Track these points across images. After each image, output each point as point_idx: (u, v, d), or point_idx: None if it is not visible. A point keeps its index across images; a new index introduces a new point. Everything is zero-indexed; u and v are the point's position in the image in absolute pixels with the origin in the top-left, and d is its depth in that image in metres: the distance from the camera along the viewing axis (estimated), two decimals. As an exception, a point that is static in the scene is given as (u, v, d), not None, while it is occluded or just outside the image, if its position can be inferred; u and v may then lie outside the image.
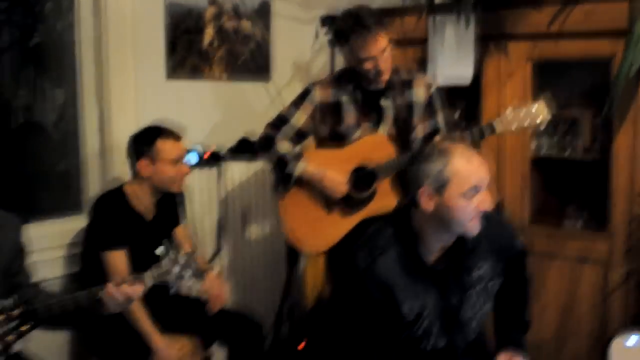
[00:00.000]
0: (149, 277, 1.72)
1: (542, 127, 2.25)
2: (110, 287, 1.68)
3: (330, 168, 2.37)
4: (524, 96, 2.66)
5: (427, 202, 1.62)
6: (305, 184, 2.41)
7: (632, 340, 2.31)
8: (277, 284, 3.22)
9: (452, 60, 2.77)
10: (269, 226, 3.19)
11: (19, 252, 1.83)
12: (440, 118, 2.45)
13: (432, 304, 1.69)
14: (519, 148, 2.70)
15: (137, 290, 1.70)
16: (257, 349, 2.44)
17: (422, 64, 2.86)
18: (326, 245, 2.41)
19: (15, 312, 1.56)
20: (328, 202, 2.41)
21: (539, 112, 2.20)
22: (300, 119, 2.43)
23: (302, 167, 2.39)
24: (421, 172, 1.63)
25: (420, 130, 2.40)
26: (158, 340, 2.21)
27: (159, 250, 1.76)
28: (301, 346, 2.89)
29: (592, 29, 2.47)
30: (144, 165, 2.26)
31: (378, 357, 1.71)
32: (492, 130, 2.24)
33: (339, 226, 2.38)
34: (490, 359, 1.87)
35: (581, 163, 2.75)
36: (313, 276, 3.12)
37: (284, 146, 2.43)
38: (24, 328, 1.56)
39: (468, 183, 1.58)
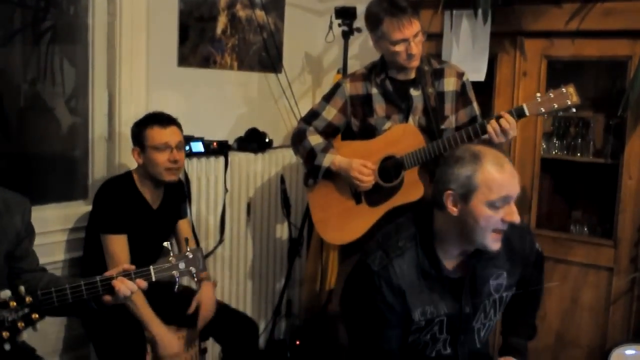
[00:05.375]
0: (154, 273, 1.66)
1: (574, 111, 2.15)
2: (120, 280, 1.62)
3: (360, 159, 2.36)
4: (537, 94, 2.61)
5: (452, 206, 1.56)
6: (335, 175, 2.42)
7: (631, 351, 2.27)
8: (277, 279, 3.24)
9: (467, 55, 2.74)
10: (273, 219, 3.18)
11: (26, 236, 1.77)
12: (475, 105, 2.42)
13: (445, 311, 1.64)
14: (530, 148, 2.66)
15: (140, 285, 1.64)
16: (251, 348, 2.43)
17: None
18: (354, 237, 2.40)
19: (27, 299, 1.54)
20: (356, 192, 2.42)
21: (569, 94, 2.12)
22: (330, 112, 2.46)
23: (330, 159, 2.40)
24: (450, 175, 1.55)
25: (453, 120, 2.37)
26: (159, 327, 2.20)
27: (166, 243, 1.70)
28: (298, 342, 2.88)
29: (611, 29, 2.43)
30: (135, 153, 2.27)
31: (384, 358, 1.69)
32: (522, 113, 2.16)
33: (367, 217, 2.38)
34: None
35: (591, 166, 2.71)
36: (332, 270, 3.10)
37: (314, 139, 2.45)
38: (34, 316, 1.54)
39: (497, 193, 1.51)
